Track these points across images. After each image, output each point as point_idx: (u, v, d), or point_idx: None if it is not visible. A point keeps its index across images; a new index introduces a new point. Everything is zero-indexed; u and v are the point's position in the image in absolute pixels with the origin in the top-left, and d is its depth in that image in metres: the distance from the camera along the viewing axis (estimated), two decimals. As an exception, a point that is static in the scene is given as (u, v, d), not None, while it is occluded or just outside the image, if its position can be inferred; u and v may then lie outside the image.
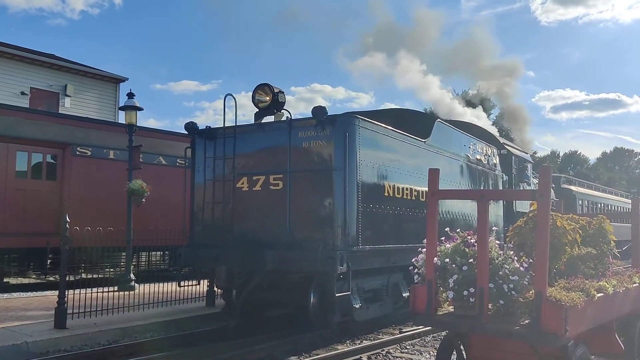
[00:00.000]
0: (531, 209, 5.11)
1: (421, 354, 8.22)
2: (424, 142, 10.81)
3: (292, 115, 9.56)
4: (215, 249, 9.13)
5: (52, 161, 14.04)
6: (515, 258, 4.48)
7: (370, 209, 8.92)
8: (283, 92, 9.71)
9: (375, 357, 7.99)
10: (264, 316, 9.74)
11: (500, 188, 14.48)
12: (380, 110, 13.95)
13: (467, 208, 12.03)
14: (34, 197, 13.45)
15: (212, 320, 9.57)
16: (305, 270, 8.39)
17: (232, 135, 9.43)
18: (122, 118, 14.75)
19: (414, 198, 10.26)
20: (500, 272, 4.31)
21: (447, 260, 4.41)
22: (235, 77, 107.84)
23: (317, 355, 7.79)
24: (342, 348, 8.29)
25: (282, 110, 9.69)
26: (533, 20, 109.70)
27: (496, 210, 13.66)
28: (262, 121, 9.67)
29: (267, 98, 9.61)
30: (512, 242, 5.05)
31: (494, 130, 21.27)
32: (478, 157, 13.22)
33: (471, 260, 4.35)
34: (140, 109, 12.79)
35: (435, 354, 5.17)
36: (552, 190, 5.39)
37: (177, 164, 14.70)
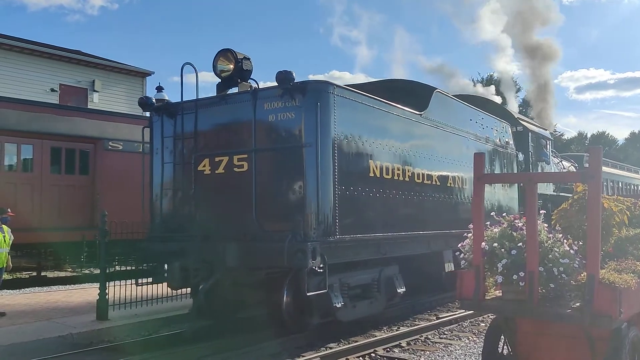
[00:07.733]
0: (577, 190, 5.05)
1: (460, 339, 8.20)
2: (420, 115, 9.51)
3: (259, 86, 8.13)
4: (172, 242, 8.02)
5: (85, 157, 14.22)
6: (565, 241, 4.42)
7: (351, 192, 7.69)
8: (249, 59, 8.36)
9: (414, 343, 7.99)
10: (237, 318, 8.69)
11: (515, 168, 13.27)
12: (372, 82, 12.32)
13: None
14: (68, 192, 13.67)
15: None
16: (272, 265, 7.35)
17: (192, 111, 8.18)
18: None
19: (407, 179, 8.95)
20: (550, 256, 4.26)
21: (496, 245, 4.37)
22: (254, 67, 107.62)
23: (356, 342, 7.80)
24: (380, 335, 8.29)
25: (249, 80, 8.35)
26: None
27: (510, 193, 12.59)
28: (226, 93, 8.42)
29: (230, 66, 8.26)
30: (558, 225, 4.98)
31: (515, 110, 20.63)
32: (487, 133, 11.96)
33: (520, 244, 4.30)
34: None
35: (483, 339, 5.15)
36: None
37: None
